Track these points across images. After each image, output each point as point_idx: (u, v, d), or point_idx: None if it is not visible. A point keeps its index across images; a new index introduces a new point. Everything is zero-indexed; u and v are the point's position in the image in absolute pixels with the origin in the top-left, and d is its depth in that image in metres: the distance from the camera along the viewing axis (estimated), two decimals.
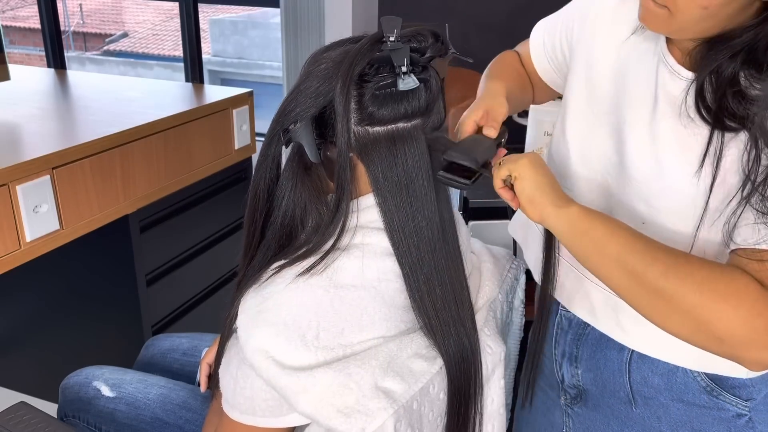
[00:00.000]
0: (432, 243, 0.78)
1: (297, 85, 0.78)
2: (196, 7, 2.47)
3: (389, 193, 0.77)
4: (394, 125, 0.76)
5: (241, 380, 0.77)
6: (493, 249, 1.02)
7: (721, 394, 0.83)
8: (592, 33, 0.89)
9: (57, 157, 1.38)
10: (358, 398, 0.72)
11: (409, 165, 0.77)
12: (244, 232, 0.86)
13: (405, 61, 0.73)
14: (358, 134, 0.76)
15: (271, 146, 0.81)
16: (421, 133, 0.77)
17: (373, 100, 0.74)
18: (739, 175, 0.71)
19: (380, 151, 0.76)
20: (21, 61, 10.54)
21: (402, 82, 0.73)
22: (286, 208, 0.81)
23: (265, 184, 0.83)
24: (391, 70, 0.74)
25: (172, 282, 1.82)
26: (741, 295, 0.66)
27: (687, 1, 0.68)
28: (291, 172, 0.81)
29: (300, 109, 0.77)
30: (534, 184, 0.75)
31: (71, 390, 1.18)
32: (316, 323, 0.74)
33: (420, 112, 0.77)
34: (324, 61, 0.77)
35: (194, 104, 1.82)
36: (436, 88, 0.79)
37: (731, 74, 0.70)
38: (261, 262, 0.82)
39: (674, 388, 0.85)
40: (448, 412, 0.83)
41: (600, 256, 0.73)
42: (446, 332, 0.80)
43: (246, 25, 10.02)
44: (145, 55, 11.26)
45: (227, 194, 1.99)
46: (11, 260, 1.32)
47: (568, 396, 0.98)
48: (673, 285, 0.68)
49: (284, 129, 0.77)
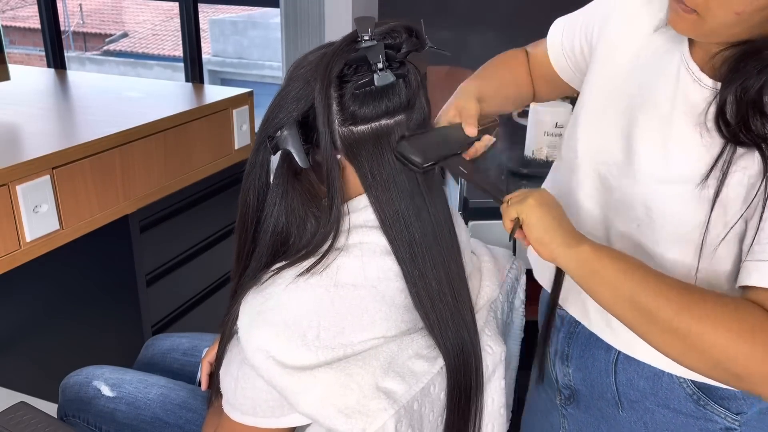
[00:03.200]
0: (425, 237, 0.79)
1: (279, 91, 0.79)
2: (196, 7, 2.46)
3: (379, 190, 0.77)
4: (378, 122, 0.76)
5: (242, 380, 0.77)
6: (493, 249, 1.02)
7: (709, 404, 0.82)
8: (615, 32, 0.88)
9: (57, 157, 1.38)
10: (358, 399, 0.72)
11: (394, 160, 0.77)
12: (235, 241, 0.86)
13: (380, 58, 0.73)
14: (343, 135, 0.76)
15: (258, 154, 0.82)
16: (405, 129, 0.78)
17: (354, 99, 0.75)
18: (741, 199, 0.71)
19: (366, 150, 0.77)
20: (21, 61, 10.55)
21: (378, 78, 0.73)
22: (278, 215, 0.81)
23: (254, 193, 0.83)
24: (368, 68, 0.74)
25: (172, 282, 1.82)
26: (756, 333, 0.66)
27: (720, 6, 0.66)
28: (281, 179, 0.81)
29: (284, 115, 0.77)
30: (542, 225, 0.75)
31: (71, 390, 1.18)
32: (317, 323, 0.74)
33: (402, 107, 0.77)
34: (303, 65, 0.77)
35: (194, 104, 1.82)
36: (416, 83, 0.79)
37: (757, 91, 0.69)
38: (255, 270, 0.82)
39: (659, 394, 0.84)
40: (448, 408, 0.82)
41: (612, 296, 0.73)
42: (444, 326, 0.80)
43: (246, 25, 10.03)
44: (145, 55, 11.26)
45: (227, 194, 1.99)
46: (11, 260, 1.32)
47: (562, 396, 0.98)
48: (688, 325, 0.68)
49: (269, 136, 0.78)
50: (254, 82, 9.29)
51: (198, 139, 1.79)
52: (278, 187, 0.81)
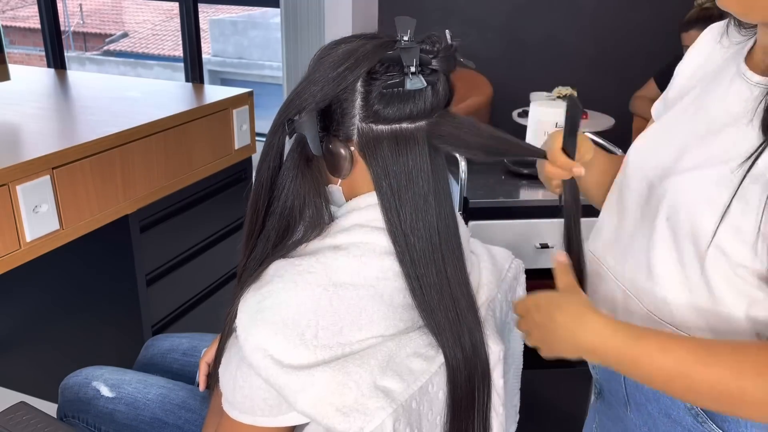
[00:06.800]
0: (431, 243, 0.79)
1: (306, 75, 0.78)
2: (196, 7, 2.47)
3: (390, 192, 0.77)
4: (398, 125, 0.76)
5: (240, 379, 0.77)
6: (492, 249, 1.02)
7: (707, 422, 0.81)
8: (686, 65, 0.92)
9: (57, 157, 1.38)
10: (356, 397, 0.72)
11: (410, 166, 0.77)
12: (246, 220, 0.86)
13: (414, 61, 0.73)
14: (362, 131, 0.76)
15: (275, 135, 0.81)
16: (424, 136, 0.78)
17: (380, 98, 0.75)
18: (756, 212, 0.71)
19: (383, 150, 0.77)
20: (21, 61, 10.55)
21: (410, 81, 0.73)
22: (286, 199, 0.81)
23: (268, 174, 0.83)
24: (400, 70, 0.74)
25: (172, 282, 1.82)
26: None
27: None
28: (292, 163, 0.81)
29: (306, 100, 0.77)
30: (561, 348, 0.78)
31: (71, 390, 1.18)
32: (315, 322, 0.74)
33: (424, 114, 0.77)
34: (335, 54, 0.76)
35: (194, 104, 1.82)
36: (443, 93, 0.79)
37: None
38: (261, 254, 0.82)
39: (662, 401, 0.84)
40: (449, 407, 0.82)
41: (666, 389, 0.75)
42: (442, 328, 0.80)
43: (246, 25, 10.03)
44: (145, 55, 11.26)
45: (227, 194, 1.99)
46: (11, 260, 1.32)
47: (596, 390, 1.00)
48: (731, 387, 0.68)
49: (289, 119, 0.78)
50: (254, 82, 9.29)
51: (198, 139, 1.79)
52: (289, 170, 0.81)
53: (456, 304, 0.81)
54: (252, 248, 0.84)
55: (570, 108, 0.88)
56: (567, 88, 2.80)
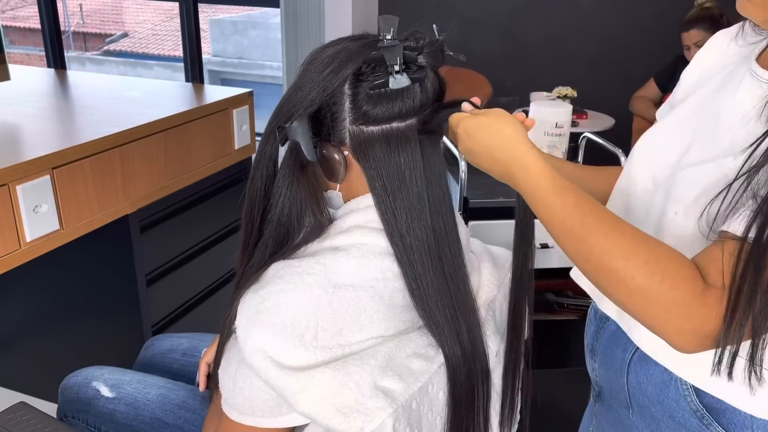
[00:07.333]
0: (428, 243, 0.79)
1: (294, 82, 0.78)
2: (196, 7, 2.47)
3: (385, 192, 0.77)
4: (389, 125, 0.76)
5: (240, 380, 0.77)
6: (492, 249, 1.02)
7: (712, 424, 0.80)
8: (694, 64, 0.93)
9: (57, 157, 1.38)
10: (356, 398, 0.72)
11: (403, 165, 0.77)
12: (242, 230, 0.86)
13: (398, 60, 0.73)
14: (353, 133, 0.76)
15: (268, 144, 0.82)
16: (416, 134, 0.77)
17: (368, 99, 0.75)
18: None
19: (375, 151, 0.77)
20: (21, 61, 10.55)
21: (393, 80, 0.73)
22: (283, 207, 0.81)
23: (262, 182, 0.83)
24: (386, 69, 0.74)
25: (172, 282, 1.82)
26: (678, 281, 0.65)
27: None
28: (287, 170, 0.81)
29: (294, 106, 0.77)
30: (488, 154, 0.74)
31: (71, 390, 1.18)
32: (315, 323, 0.74)
33: (414, 111, 0.77)
34: (321, 58, 0.77)
35: (194, 104, 1.82)
36: (432, 89, 0.78)
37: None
38: (259, 261, 0.82)
39: (665, 403, 0.84)
40: (450, 407, 0.82)
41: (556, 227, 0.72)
42: (441, 327, 0.80)
43: (246, 25, 10.03)
44: (145, 55, 11.26)
45: (227, 194, 1.99)
46: (11, 260, 1.32)
47: (594, 392, 1.00)
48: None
49: (280, 126, 0.78)
50: (254, 82, 9.29)
51: (198, 139, 1.79)
52: (284, 178, 0.81)
53: (455, 303, 0.81)
54: (249, 257, 0.84)
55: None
56: (567, 88, 2.80)
